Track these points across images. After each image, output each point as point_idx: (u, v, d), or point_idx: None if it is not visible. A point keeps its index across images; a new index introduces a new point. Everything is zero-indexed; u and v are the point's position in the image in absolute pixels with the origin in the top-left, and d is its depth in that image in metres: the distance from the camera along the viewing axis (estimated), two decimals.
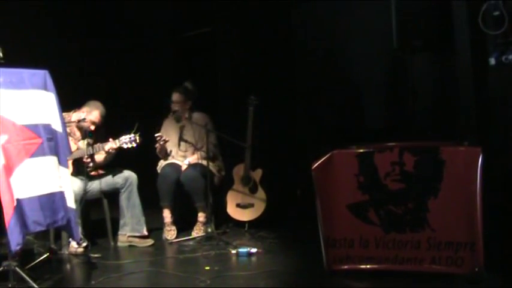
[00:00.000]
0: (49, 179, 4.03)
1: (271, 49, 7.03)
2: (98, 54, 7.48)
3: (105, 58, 7.55)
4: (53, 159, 4.10)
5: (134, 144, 5.15)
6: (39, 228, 3.98)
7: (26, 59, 4.20)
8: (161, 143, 5.57)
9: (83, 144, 5.35)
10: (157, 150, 5.71)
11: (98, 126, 5.37)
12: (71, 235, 4.45)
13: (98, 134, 5.41)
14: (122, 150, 5.22)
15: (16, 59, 4.07)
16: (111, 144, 5.18)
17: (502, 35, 4.31)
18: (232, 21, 7.27)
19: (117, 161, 5.44)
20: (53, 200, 4.04)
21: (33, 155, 3.94)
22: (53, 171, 4.07)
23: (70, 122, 5.26)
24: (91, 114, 5.33)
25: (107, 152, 5.24)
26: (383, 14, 5.46)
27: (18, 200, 3.80)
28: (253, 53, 7.08)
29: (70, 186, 4.25)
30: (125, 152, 5.26)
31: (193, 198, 5.59)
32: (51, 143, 4.09)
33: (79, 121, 5.28)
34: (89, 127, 5.32)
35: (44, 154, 4.01)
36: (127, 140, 5.15)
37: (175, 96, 5.76)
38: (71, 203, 4.20)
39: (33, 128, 3.99)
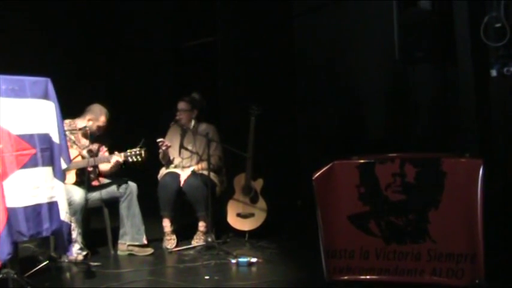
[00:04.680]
0: (37, 190, 4.01)
1: (273, 59, 7.05)
2: (99, 63, 7.51)
3: (106, 68, 7.57)
4: (47, 169, 4.08)
5: (139, 159, 5.20)
6: (21, 239, 3.98)
7: (28, 67, 4.21)
8: (163, 148, 5.57)
9: (86, 153, 5.35)
10: (160, 156, 5.72)
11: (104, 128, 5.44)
12: (58, 246, 4.42)
13: (103, 136, 5.47)
14: (126, 162, 5.26)
15: (18, 67, 4.08)
16: (117, 158, 5.22)
17: (503, 47, 4.31)
18: (234, 31, 7.29)
19: (118, 170, 5.44)
20: (39, 211, 4.01)
21: (24, 166, 3.93)
22: (43, 182, 4.05)
23: (76, 129, 5.29)
24: (98, 120, 5.37)
25: (112, 166, 5.27)
26: (385, 25, 5.47)
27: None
28: (254, 63, 7.09)
29: (64, 198, 4.23)
30: (128, 162, 5.28)
31: (195, 207, 5.58)
32: (47, 153, 4.07)
33: (80, 129, 5.30)
34: (96, 133, 5.37)
35: (36, 165, 3.99)
36: (132, 154, 5.19)
37: (181, 105, 5.77)
38: (63, 215, 4.18)
39: (28, 138, 3.98)
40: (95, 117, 5.37)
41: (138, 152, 5.20)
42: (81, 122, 5.36)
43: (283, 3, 7.15)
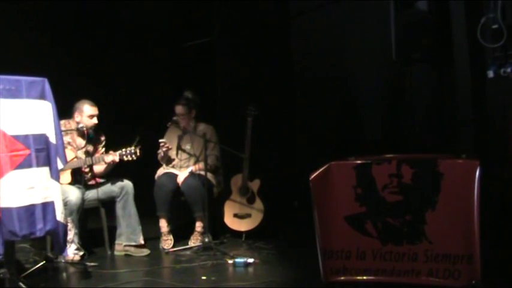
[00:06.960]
0: (32, 191, 3.98)
1: (271, 59, 7.05)
2: (96, 64, 7.49)
3: (103, 68, 7.56)
4: (42, 170, 4.05)
5: (134, 157, 5.19)
6: (13, 238, 3.95)
7: (25, 68, 4.20)
8: (164, 149, 5.57)
9: (81, 153, 5.34)
10: (159, 156, 5.72)
11: (97, 117, 5.36)
12: (54, 246, 4.40)
13: (97, 132, 5.43)
14: (122, 161, 5.25)
15: (15, 67, 4.07)
16: (112, 157, 5.21)
17: (500, 48, 4.32)
18: (231, 31, 7.29)
19: (114, 170, 5.44)
20: (32, 212, 3.98)
21: (17, 167, 3.91)
22: (38, 183, 4.02)
23: (72, 129, 5.28)
24: (83, 111, 5.31)
25: (107, 164, 5.27)
26: (382, 26, 5.47)
27: None
28: (252, 64, 7.09)
29: (60, 199, 4.21)
30: (123, 161, 5.27)
31: (192, 207, 5.58)
32: (42, 154, 4.04)
33: (78, 129, 5.29)
34: (90, 126, 5.31)
35: (30, 166, 3.97)
36: (127, 153, 5.18)
37: (179, 109, 5.74)
38: (59, 215, 4.17)
39: (23, 139, 3.96)
40: (80, 110, 5.32)
41: (133, 151, 5.19)
42: (71, 122, 5.33)
43: (281, 4, 7.16)
